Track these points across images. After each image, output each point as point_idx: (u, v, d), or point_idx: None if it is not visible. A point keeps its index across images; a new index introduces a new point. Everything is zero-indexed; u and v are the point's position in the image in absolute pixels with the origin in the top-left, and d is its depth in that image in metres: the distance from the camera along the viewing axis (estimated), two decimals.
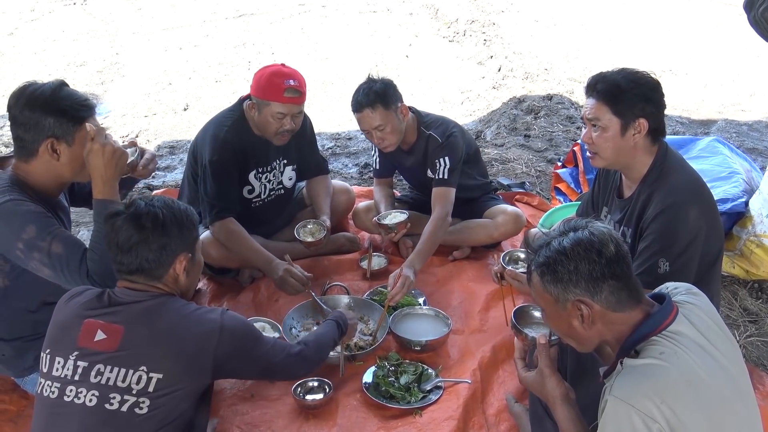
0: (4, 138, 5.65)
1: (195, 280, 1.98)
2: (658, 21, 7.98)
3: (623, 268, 1.55)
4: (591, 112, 2.21)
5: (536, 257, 1.62)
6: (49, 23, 9.58)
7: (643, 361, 1.49)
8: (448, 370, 2.54)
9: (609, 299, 1.54)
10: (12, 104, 2.03)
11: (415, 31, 8.17)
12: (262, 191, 3.13)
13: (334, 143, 5.19)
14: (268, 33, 8.28)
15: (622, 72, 2.20)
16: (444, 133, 3.06)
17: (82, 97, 2.09)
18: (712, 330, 1.58)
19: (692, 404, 1.43)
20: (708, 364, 1.49)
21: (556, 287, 1.57)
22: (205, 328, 1.79)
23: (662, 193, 2.14)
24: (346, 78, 6.63)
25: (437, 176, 3.03)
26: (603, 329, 1.57)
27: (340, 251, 3.35)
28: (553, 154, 4.66)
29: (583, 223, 1.61)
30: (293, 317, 2.75)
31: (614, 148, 2.20)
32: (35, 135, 2.01)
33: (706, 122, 5.35)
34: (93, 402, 1.69)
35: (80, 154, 2.05)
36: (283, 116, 2.84)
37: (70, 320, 1.79)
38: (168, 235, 1.79)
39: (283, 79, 2.81)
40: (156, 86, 6.75)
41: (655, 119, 2.17)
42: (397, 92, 2.98)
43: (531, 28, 8.02)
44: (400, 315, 2.75)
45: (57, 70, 7.46)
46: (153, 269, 1.80)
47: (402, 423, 2.29)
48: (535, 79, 6.25)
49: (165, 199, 1.86)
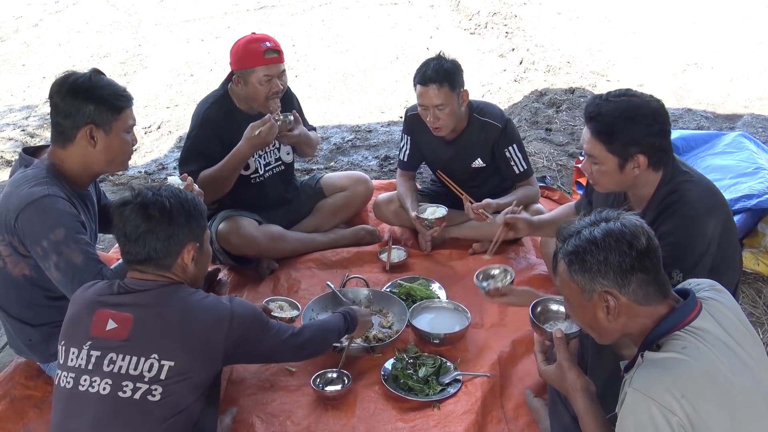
0: (29, 129, 5.74)
1: (204, 269, 1.98)
2: (683, 13, 7.85)
3: (653, 262, 1.54)
4: (587, 147, 2.12)
5: (564, 246, 1.60)
6: (73, 15, 9.69)
7: (665, 354, 1.48)
8: (467, 364, 2.54)
9: (636, 292, 1.53)
10: (54, 92, 2.11)
11: (436, 24, 8.13)
12: (259, 167, 3.14)
13: (354, 135, 5.19)
14: (288, 25, 8.30)
15: (620, 104, 2.06)
16: (501, 117, 3.06)
17: (120, 87, 2.18)
18: (736, 327, 1.56)
19: (713, 400, 1.42)
20: (731, 361, 1.48)
21: (583, 277, 1.55)
22: (216, 316, 1.81)
23: (677, 208, 2.06)
24: (367, 70, 6.63)
25: (517, 170, 3.07)
26: (627, 322, 1.56)
27: (360, 243, 3.36)
28: (574, 148, 4.62)
29: (615, 215, 1.59)
30: (313, 308, 2.77)
31: (614, 182, 2.13)
32: (75, 121, 2.09)
33: (731, 117, 5.26)
34: (107, 390, 1.71)
35: (115, 144, 2.15)
36: (269, 78, 2.89)
37: (83, 311, 1.81)
38: (175, 224, 1.80)
39: (259, 43, 2.89)
40: (178, 78, 6.81)
41: (657, 151, 2.06)
42: (463, 76, 2.96)
43: (553, 20, 7.94)
44: (419, 308, 2.75)
45: (81, 62, 7.55)
46: (161, 258, 1.81)
47: (420, 415, 2.29)
48: (557, 72, 6.19)
49: (172, 189, 1.87)
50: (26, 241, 2.04)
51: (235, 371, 2.50)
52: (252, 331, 1.90)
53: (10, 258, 2.12)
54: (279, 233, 3.13)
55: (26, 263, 2.12)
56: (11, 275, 2.15)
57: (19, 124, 5.83)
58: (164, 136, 5.32)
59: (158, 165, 4.79)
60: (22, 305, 2.21)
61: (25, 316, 2.22)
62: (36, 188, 2.02)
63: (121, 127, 2.15)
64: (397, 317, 2.75)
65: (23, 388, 2.40)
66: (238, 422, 2.27)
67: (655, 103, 2.08)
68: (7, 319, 2.28)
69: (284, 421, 2.29)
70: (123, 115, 2.15)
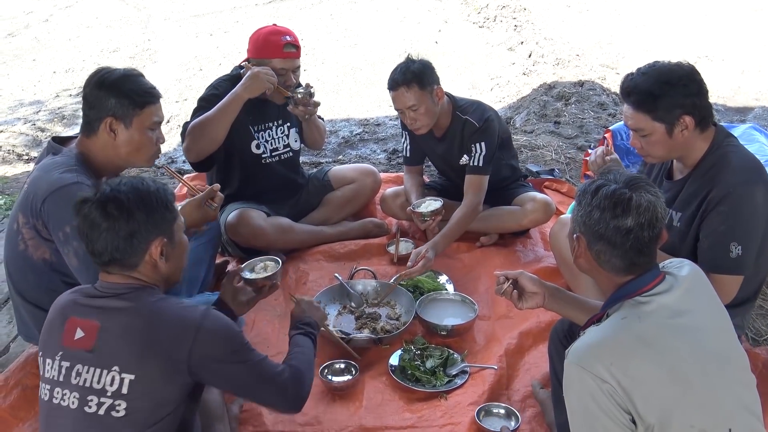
0: (39, 123, 5.78)
1: (179, 263, 1.80)
2: (693, 5, 7.80)
3: (630, 244, 1.56)
4: (632, 123, 2.15)
5: (581, 184, 1.71)
6: (83, 10, 9.74)
7: (601, 326, 1.56)
8: (474, 356, 2.54)
9: (599, 255, 1.60)
10: (85, 84, 2.20)
11: (444, 17, 8.12)
12: (264, 150, 3.17)
13: (362, 129, 5.20)
14: (297, 19, 8.30)
15: (653, 73, 2.10)
16: (481, 117, 3.04)
17: (148, 85, 2.22)
18: (696, 296, 1.60)
19: (646, 361, 1.46)
20: (676, 326, 1.51)
21: (575, 213, 1.67)
22: (181, 327, 1.63)
23: (725, 175, 2.08)
24: (375, 64, 6.63)
25: (472, 162, 3.02)
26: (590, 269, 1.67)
27: (368, 236, 3.37)
28: (583, 141, 4.61)
29: (642, 185, 1.59)
30: (320, 300, 2.78)
31: (665, 149, 2.15)
32: (97, 112, 2.15)
33: (742, 109, 5.23)
34: (75, 405, 1.61)
35: (136, 139, 2.18)
36: (285, 71, 2.94)
37: (56, 319, 1.71)
38: (135, 220, 1.65)
39: (280, 36, 2.94)
40: (187, 72, 6.83)
41: (700, 110, 2.09)
42: (434, 74, 2.97)
43: (562, 13, 7.91)
44: (426, 300, 2.76)
45: (91, 56, 7.59)
46: (125, 258, 1.67)
47: (427, 406, 2.30)
48: (567, 65, 6.16)
49: (133, 181, 1.71)
50: (50, 225, 2.07)
51: None
52: (220, 351, 1.66)
53: (32, 241, 2.15)
54: (287, 225, 3.15)
55: (47, 247, 2.15)
56: (31, 259, 2.18)
57: (30, 119, 5.87)
58: (173, 130, 5.35)
59: (168, 159, 4.82)
60: (40, 290, 2.23)
61: (41, 301, 2.25)
62: (66, 174, 2.07)
63: (144, 122, 2.18)
64: (405, 309, 2.76)
65: (35, 377, 2.42)
66: (246, 412, 2.29)
67: (686, 66, 2.11)
68: (22, 304, 2.31)
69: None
70: (145, 111, 2.19)
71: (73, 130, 5.78)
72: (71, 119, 5.98)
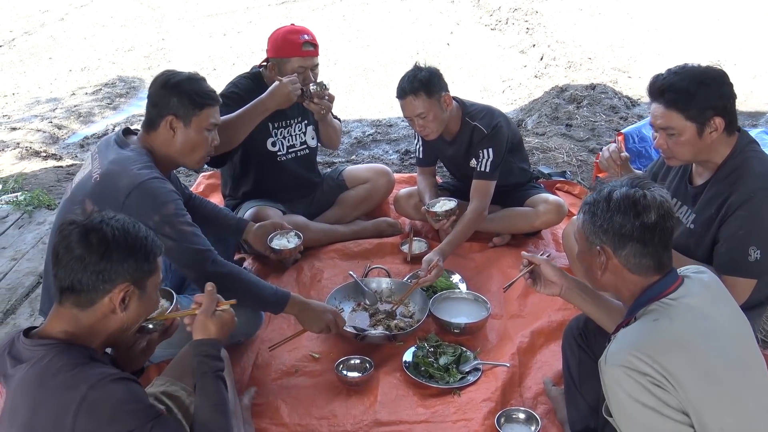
0: (55, 120, 5.86)
1: (137, 318, 1.67)
2: (706, 10, 7.80)
3: (659, 237, 1.59)
4: (662, 121, 2.14)
5: (586, 197, 1.72)
6: (98, 9, 9.83)
7: (634, 327, 1.58)
8: (487, 354, 2.58)
9: (629, 258, 1.61)
10: (151, 84, 2.36)
11: (456, 19, 8.15)
12: (281, 147, 3.23)
13: (374, 130, 5.24)
14: (310, 20, 8.36)
15: (687, 73, 2.11)
16: (489, 124, 3.07)
17: (208, 88, 2.36)
18: (715, 300, 1.63)
19: (682, 362, 1.48)
20: (705, 330, 1.54)
21: (589, 227, 1.67)
22: (62, 401, 1.44)
23: (746, 180, 2.09)
24: (387, 65, 6.67)
25: (479, 168, 3.05)
26: (616, 282, 1.67)
27: (382, 235, 3.41)
28: (595, 144, 4.63)
29: (648, 183, 1.64)
30: (335, 297, 2.82)
31: (693, 150, 2.15)
32: (160, 110, 2.29)
33: (754, 114, 5.24)
34: None
35: (193, 138, 2.32)
36: (303, 69, 3.00)
37: None
38: (110, 259, 1.54)
39: (299, 35, 3.01)
40: (201, 72, 6.84)
41: (729, 113, 2.11)
42: (442, 81, 3.01)
43: (575, 16, 7.92)
44: (440, 298, 2.80)
45: (106, 55, 7.68)
46: (84, 292, 1.54)
47: (440, 402, 2.34)
48: (578, 68, 6.19)
49: (128, 221, 1.63)
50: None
51: (261, 356, 2.57)
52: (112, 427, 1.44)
53: None
54: (303, 223, 3.19)
55: None
56: None
57: (46, 116, 5.95)
58: None
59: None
60: None
61: None
62: (144, 171, 2.19)
63: (202, 123, 2.31)
64: (419, 307, 2.80)
65: None
66: (263, 405, 2.33)
67: (718, 68, 2.14)
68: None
69: (308, 405, 2.35)
70: (204, 112, 2.31)
71: (89, 128, 5.85)
72: (87, 117, 6.06)
